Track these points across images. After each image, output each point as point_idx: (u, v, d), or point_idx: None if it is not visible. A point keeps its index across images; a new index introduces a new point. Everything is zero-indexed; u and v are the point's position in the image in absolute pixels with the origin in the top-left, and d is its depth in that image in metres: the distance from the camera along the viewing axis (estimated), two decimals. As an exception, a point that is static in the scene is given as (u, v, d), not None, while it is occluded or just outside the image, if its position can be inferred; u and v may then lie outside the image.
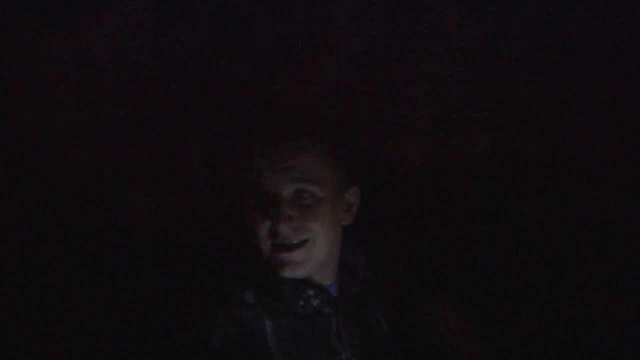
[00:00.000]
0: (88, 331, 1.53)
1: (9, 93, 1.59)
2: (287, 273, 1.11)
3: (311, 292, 1.15)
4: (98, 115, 1.61)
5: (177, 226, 1.60)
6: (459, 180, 1.69)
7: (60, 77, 1.60)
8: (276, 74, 1.65)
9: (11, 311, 1.52)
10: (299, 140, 1.13)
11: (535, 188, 1.69)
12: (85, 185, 1.61)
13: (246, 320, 1.10)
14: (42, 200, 1.60)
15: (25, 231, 1.58)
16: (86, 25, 1.60)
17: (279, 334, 1.10)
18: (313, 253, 1.13)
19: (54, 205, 1.60)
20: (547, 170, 1.70)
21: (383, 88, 1.70)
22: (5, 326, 1.52)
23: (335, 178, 1.16)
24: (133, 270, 1.57)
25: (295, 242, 1.12)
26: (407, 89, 1.69)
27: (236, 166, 1.27)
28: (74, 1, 1.59)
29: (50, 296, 1.55)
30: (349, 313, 1.18)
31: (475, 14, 1.67)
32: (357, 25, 1.67)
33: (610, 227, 1.66)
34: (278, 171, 1.11)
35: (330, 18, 1.67)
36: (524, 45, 1.69)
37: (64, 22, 1.59)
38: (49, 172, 1.61)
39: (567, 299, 1.64)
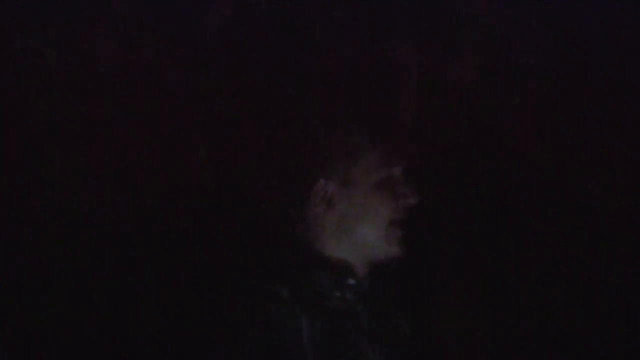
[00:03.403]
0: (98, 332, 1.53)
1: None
2: None
3: (352, 282, 1.12)
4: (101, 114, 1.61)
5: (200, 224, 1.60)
6: (463, 179, 1.69)
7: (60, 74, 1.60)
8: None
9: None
10: None
11: (538, 187, 1.69)
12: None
13: (282, 318, 1.07)
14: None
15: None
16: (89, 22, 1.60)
17: (314, 332, 1.07)
18: None
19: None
20: (550, 169, 1.70)
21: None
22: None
23: None
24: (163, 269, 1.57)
25: None
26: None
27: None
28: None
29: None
30: (376, 312, 1.15)
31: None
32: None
33: (611, 226, 1.66)
34: None
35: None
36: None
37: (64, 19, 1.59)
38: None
39: (571, 298, 1.65)
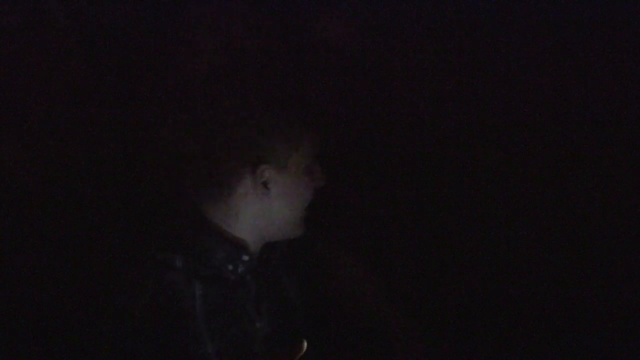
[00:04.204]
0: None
1: None
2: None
3: (246, 258, 1.19)
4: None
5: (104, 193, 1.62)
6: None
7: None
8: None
9: None
10: None
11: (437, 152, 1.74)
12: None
13: (176, 285, 1.13)
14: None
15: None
16: None
17: (207, 300, 1.15)
18: None
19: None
20: (447, 132, 1.73)
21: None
22: None
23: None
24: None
25: None
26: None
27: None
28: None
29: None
30: (265, 283, 1.24)
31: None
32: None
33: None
34: None
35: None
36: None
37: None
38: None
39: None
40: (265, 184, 1.18)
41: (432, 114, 1.75)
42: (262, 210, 1.20)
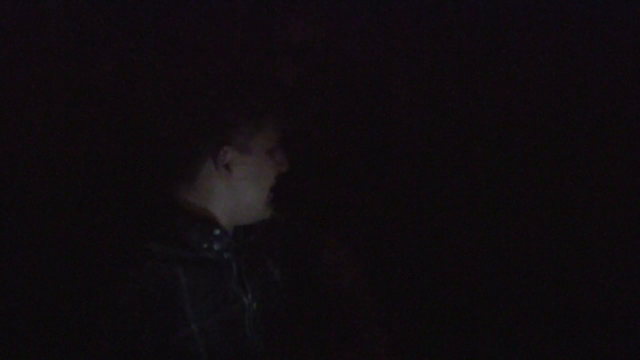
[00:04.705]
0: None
1: None
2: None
3: (217, 232, 1.19)
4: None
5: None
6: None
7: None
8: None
9: None
10: None
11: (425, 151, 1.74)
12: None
13: (159, 273, 1.13)
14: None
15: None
16: None
17: (191, 283, 1.15)
18: None
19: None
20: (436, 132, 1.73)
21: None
22: None
23: None
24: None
25: None
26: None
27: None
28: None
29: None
30: (246, 260, 1.24)
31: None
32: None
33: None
34: None
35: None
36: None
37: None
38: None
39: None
40: (227, 166, 1.18)
41: (432, 114, 1.75)
42: (227, 192, 1.19)
